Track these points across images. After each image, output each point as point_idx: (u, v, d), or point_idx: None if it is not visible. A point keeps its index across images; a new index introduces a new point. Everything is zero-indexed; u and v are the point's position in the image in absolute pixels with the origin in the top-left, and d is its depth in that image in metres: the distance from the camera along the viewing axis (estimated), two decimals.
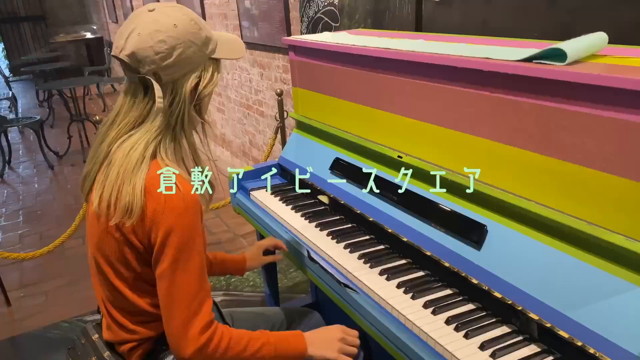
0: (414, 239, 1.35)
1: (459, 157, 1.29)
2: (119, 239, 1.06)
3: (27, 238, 3.70)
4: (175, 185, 1.03)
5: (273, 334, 1.14)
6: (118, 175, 1.04)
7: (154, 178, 1.04)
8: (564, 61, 1.00)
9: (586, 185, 1.01)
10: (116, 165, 1.05)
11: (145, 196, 1.02)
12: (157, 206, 1.02)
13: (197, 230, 1.06)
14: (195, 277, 1.05)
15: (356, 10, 2.23)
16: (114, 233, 1.06)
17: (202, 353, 1.03)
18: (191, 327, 1.03)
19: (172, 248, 1.02)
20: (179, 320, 1.03)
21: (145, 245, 1.06)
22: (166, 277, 1.04)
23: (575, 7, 1.34)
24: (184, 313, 1.03)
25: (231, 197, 2.05)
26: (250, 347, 1.08)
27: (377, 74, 1.51)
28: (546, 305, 1.02)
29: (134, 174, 1.03)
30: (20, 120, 5.50)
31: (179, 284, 1.03)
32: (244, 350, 1.08)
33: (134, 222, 1.02)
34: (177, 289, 1.03)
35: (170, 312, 1.04)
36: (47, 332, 2.57)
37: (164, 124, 1.06)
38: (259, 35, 3.38)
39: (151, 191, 1.02)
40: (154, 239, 1.04)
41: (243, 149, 4.39)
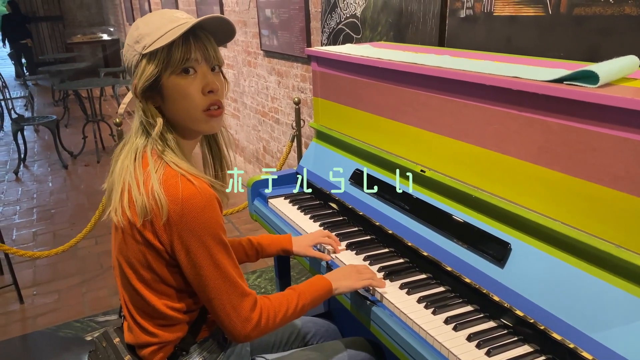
0: (435, 253, 1.35)
1: (483, 174, 1.29)
2: (140, 240, 1.07)
3: (41, 236, 3.73)
4: (189, 182, 1.04)
5: (300, 285, 1.23)
6: (124, 184, 1.08)
7: (170, 178, 1.04)
8: (595, 84, 1.01)
9: (613, 208, 1.01)
10: (119, 175, 1.10)
11: (165, 197, 1.03)
12: (175, 206, 1.02)
13: (218, 223, 1.07)
14: (227, 265, 1.08)
15: (378, 23, 2.25)
16: (134, 235, 1.07)
17: (258, 328, 1.11)
18: (242, 310, 1.09)
19: (199, 246, 1.05)
20: (229, 308, 1.08)
21: (166, 246, 1.06)
22: (201, 274, 1.06)
23: (603, 28, 1.34)
24: (232, 300, 1.08)
25: (249, 204, 2.06)
26: (291, 305, 1.17)
27: (403, 87, 1.52)
28: (569, 326, 1.02)
29: (133, 177, 1.06)
30: (37, 119, 5.56)
31: (216, 277, 1.07)
32: (287, 310, 1.16)
33: (164, 221, 1.03)
34: (216, 282, 1.07)
35: (218, 304, 1.08)
36: (59, 330, 2.59)
37: (143, 127, 1.11)
38: (278, 44, 3.41)
39: (169, 191, 1.03)
40: (177, 239, 1.04)
41: (257, 155, 4.41)
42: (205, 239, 1.05)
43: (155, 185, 1.03)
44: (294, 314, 1.19)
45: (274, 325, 1.15)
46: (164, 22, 1.06)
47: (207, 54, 1.08)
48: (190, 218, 1.03)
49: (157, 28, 1.05)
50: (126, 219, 1.07)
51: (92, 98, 5.59)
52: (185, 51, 1.05)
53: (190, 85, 1.07)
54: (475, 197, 1.30)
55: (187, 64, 1.06)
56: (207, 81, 1.08)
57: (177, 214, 1.02)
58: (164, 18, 1.07)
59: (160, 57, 1.05)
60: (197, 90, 1.07)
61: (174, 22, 1.05)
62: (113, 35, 10.97)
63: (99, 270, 3.20)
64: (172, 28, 1.04)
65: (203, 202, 1.03)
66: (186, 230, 1.03)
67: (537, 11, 1.51)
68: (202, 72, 1.08)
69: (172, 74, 1.06)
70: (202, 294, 1.10)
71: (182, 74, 1.06)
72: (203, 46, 1.07)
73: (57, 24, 11.47)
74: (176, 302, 1.14)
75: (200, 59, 1.07)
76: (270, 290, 2.84)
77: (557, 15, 1.45)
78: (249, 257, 1.49)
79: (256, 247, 1.49)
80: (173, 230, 1.04)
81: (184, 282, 1.13)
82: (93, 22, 11.79)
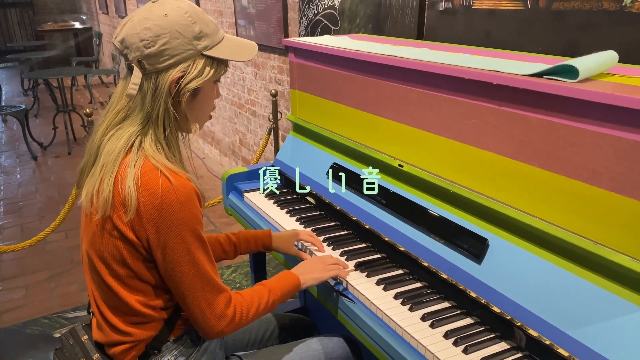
0: (412, 248, 1.34)
1: (461, 169, 1.28)
2: (114, 234, 1.04)
3: (8, 230, 3.61)
4: (168, 178, 1.01)
5: (269, 281, 1.25)
6: (102, 168, 1.05)
7: (148, 172, 1.02)
8: (575, 78, 1.00)
9: (592, 204, 1.00)
10: (102, 158, 1.06)
11: (141, 191, 1.00)
12: (154, 201, 1.00)
13: (197, 218, 1.06)
14: (204, 262, 1.08)
15: (357, 14, 2.22)
16: (108, 228, 1.04)
17: (232, 324, 1.12)
18: (216, 306, 1.09)
19: (178, 242, 1.03)
20: (204, 305, 1.08)
21: (143, 241, 1.04)
22: (178, 269, 1.05)
23: (582, 22, 1.34)
24: (207, 297, 1.08)
25: (223, 198, 2.02)
26: (262, 301, 1.18)
27: (381, 80, 1.49)
28: (546, 322, 1.01)
29: (114, 166, 1.03)
30: (4, 108, 5.37)
31: (192, 274, 1.06)
32: (259, 306, 1.17)
33: (131, 218, 1.01)
34: (192, 279, 1.06)
35: (193, 300, 1.07)
36: (26, 327, 2.51)
37: (146, 115, 1.05)
38: (255, 34, 3.35)
39: (147, 185, 1.01)
40: (155, 234, 1.02)
41: (232, 148, 4.35)
42: (184, 234, 1.03)
43: (129, 179, 1.00)
44: (265, 309, 1.20)
45: (247, 321, 1.16)
46: (215, 27, 1.11)
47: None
48: (169, 212, 1.01)
49: (214, 31, 1.09)
50: (95, 209, 1.04)
51: (63, 87, 5.43)
52: (228, 66, 1.16)
53: (214, 92, 1.16)
54: (453, 192, 1.28)
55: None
56: (218, 90, 1.19)
57: (156, 209, 1.00)
58: (212, 22, 1.11)
59: (216, 64, 1.10)
60: (214, 97, 1.17)
61: (220, 31, 1.13)
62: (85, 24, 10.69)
63: (69, 264, 3.11)
64: (241, 44, 1.16)
65: (183, 196, 1.02)
66: (165, 224, 1.01)
67: (516, 5, 1.50)
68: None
69: (213, 80, 1.12)
70: (176, 289, 1.08)
71: (217, 82, 1.15)
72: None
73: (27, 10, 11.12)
74: (151, 299, 1.11)
75: None
76: (245, 285, 2.81)
77: (536, 9, 1.45)
78: (226, 254, 1.46)
79: (234, 243, 1.46)
80: (151, 225, 1.01)
81: (160, 278, 1.10)
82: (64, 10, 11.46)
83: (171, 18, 1.02)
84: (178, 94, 1.06)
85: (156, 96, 1.04)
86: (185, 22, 1.03)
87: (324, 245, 1.49)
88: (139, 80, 1.03)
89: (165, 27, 1.02)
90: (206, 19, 1.08)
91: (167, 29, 1.02)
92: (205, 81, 1.08)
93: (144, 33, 1.01)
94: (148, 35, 1.01)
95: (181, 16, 1.03)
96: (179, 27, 1.03)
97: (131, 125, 1.06)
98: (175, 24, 1.02)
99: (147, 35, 1.01)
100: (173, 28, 1.02)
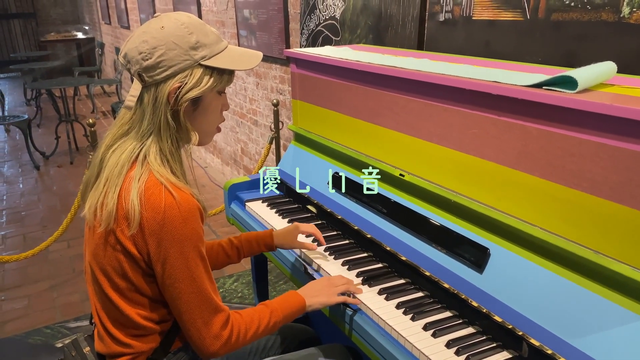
0: (413, 258, 1.34)
1: (462, 179, 1.29)
2: (116, 247, 1.05)
3: (10, 239, 3.62)
4: (171, 194, 1.02)
5: (273, 302, 1.22)
6: (106, 181, 1.05)
7: (152, 187, 1.02)
8: (574, 89, 1.00)
9: (592, 213, 1.01)
10: (106, 171, 1.06)
11: (144, 205, 1.01)
12: (156, 216, 1.01)
13: (199, 235, 1.06)
14: (204, 279, 1.07)
15: (358, 25, 2.24)
16: (111, 241, 1.05)
17: (227, 346, 1.10)
18: (213, 326, 1.08)
19: (178, 257, 1.03)
20: (200, 323, 1.07)
21: (144, 255, 1.05)
22: (176, 286, 1.05)
23: (580, 33, 1.35)
24: (204, 316, 1.07)
25: (225, 208, 2.03)
26: (262, 322, 1.16)
27: (382, 90, 1.51)
28: (547, 332, 1.02)
29: (118, 180, 1.04)
30: (7, 118, 5.40)
31: (190, 291, 1.06)
32: (258, 327, 1.15)
33: (134, 232, 1.01)
34: (190, 296, 1.06)
35: (189, 317, 1.07)
36: (29, 337, 2.51)
37: (148, 127, 1.06)
38: (256, 44, 3.37)
39: (150, 200, 1.01)
40: (156, 249, 1.03)
41: (234, 157, 4.36)
42: (184, 250, 1.04)
43: (133, 193, 1.01)
44: (265, 332, 1.17)
45: (243, 342, 1.13)
46: (216, 37, 1.10)
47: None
48: (171, 228, 1.02)
49: (215, 42, 1.09)
50: (98, 222, 1.05)
51: (66, 97, 5.46)
52: (233, 77, 1.15)
53: (220, 103, 1.15)
54: (454, 201, 1.29)
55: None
56: (225, 102, 1.18)
57: (158, 223, 1.01)
58: (213, 32, 1.11)
59: (216, 74, 1.09)
60: (220, 109, 1.17)
61: (223, 42, 1.12)
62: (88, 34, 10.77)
63: (70, 274, 3.11)
64: (242, 54, 1.15)
65: (186, 212, 1.03)
66: (166, 240, 1.02)
67: (515, 16, 1.52)
68: (225, 93, 1.18)
69: (215, 91, 1.12)
70: (174, 305, 1.08)
71: (221, 93, 1.14)
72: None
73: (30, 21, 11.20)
74: (150, 311, 1.11)
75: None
76: (247, 294, 2.80)
77: (535, 20, 1.46)
78: (230, 258, 1.46)
79: (237, 246, 1.47)
80: (153, 239, 1.02)
81: (160, 291, 1.10)
82: (67, 20, 11.55)
83: (167, 30, 1.04)
84: (177, 103, 1.06)
85: (156, 107, 1.05)
86: (181, 33, 1.05)
87: (323, 237, 1.51)
88: (138, 92, 1.05)
89: (161, 39, 1.03)
90: (206, 30, 1.09)
91: (162, 41, 1.03)
92: (203, 91, 1.08)
93: (142, 46, 1.03)
94: (145, 48, 1.03)
95: (177, 28, 1.05)
96: (174, 38, 1.04)
97: (134, 138, 1.07)
98: (171, 35, 1.04)
99: (145, 48, 1.03)
100: (169, 39, 1.04)
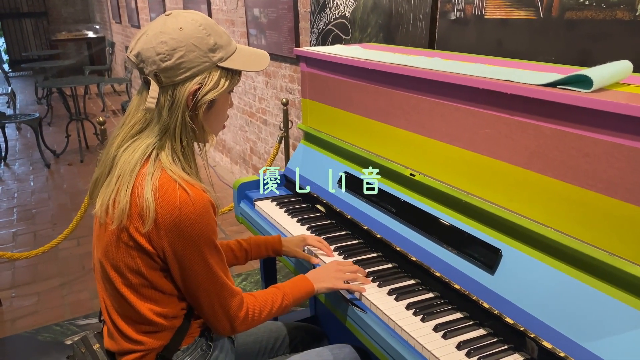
0: (424, 258, 1.33)
1: (474, 179, 1.27)
2: (129, 244, 1.05)
3: (21, 237, 3.65)
4: (185, 190, 1.02)
5: (284, 285, 1.27)
6: (118, 179, 1.06)
7: (166, 184, 1.03)
8: (589, 88, 0.99)
9: (607, 214, 0.99)
10: (118, 169, 1.07)
11: (159, 202, 1.01)
12: (172, 212, 1.01)
13: (213, 229, 1.08)
14: (219, 269, 1.10)
15: (368, 24, 2.23)
16: (124, 238, 1.05)
17: (244, 324, 1.17)
18: (230, 309, 1.13)
19: (194, 252, 1.05)
20: (217, 308, 1.12)
21: (159, 251, 1.05)
22: (194, 278, 1.08)
23: (595, 32, 1.33)
24: (221, 301, 1.12)
25: (235, 206, 2.03)
26: (275, 304, 1.22)
27: (393, 90, 1.50)
28: (560, 334, 1.00)
29: (131, 177, 1.04)
30: (19, 116, 5.45)
31: (207, 281, 1.09)
32: (271, 307, 1.21)
33: (149, 229, 1.02)
34: (208, 285, 1.09)
35: (208, 304, 1.11)
36: (38, 334, 2.52)
37: (163, 127, 1.06)
38: (266, 43, 3.37)
39: (165, 197, 1.02)
40: (172, 245, 1.04)
41: (243, 157, 4.37)
42: (200, 245, 1.06)
43: (147, 190, 1.01)
44: (277, 312, 1.23)
45: (259, 321, 1.20)
46: (228, 37, 1.11)
47: None
48: (187, 224, 1.03)
49: (228, 43, 1.10)
50: (110, 219, 1.05)
51: (77, 96, 5.49)
52: (241, 76, 1.16)
53: (228, 102, 1.17)
54: (465, 202, 1.28)
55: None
56: (231, 100, 1.20)
57: (174, 220, 1.02)
58: (225, 33, 1.11)
59: (231, 75, 1.11)
60: (228, 107, 1.18)
61: (233, 41, 1.13)
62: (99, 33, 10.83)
63: (80, 272, 3.13)
64: (254, 54, 1.16)
65: (200, 208, 1.04)
66: (183, 236, 1.03)
67: (528, 14, 1.50)
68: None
69: (228, 91, 1.13)
70: (191, 294, 1.11)
71: (231, 92, 1.16)
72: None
73: (41, 20, 11.29)
74: (163, 307, 1.12)
75: None
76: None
77: (548, 18, 1.44)
78: (237, 260, 1.47)
79: (245, 248, 1.47)
80: (168, 236, 1.03)
81: (174, 286, 1.12)
82: (78, 19, 11.63)
83: (186, 31, 1.03)
84: (195, 106, 1.06)
85: (173, 109, 1.05)
86: (200, 35, 1.04)
87: (332, 251, 1.50)
88: (157, 94, 1.04)
89: (181, 41, 1.02)
90: (219, 30, 1.09)
91: (183, 42, 1.02)
92: (221, 92, 1.09)
93: (160, 47, 1.02)
94: (164, 49, 1.02)
95: (196, 29, 1.04)
96: (194, 40, 1.03)
97: (148, 137, 1.07)
98: (191, 37, 1.03)
99: (164, 49, 1.02)
100: (189, 41, 1.03)
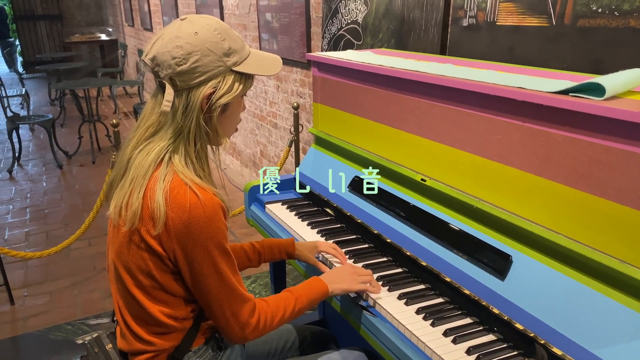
0: (434, 263, 1.33)
1: (485, 185, 1.28)
2: (141, 246, 1.07)
3: (33, 237, 3.69)
4: (196, 193, 1.03)
5: (297, 288, 1.26)
6: (131, 181, 1.07)
7: (177, 187, 1.04)
8: (601, 96, 0.99)
9: (618, 222, 1.00)
10: (131, 172, 1.08)
11: (169, 205, 1.02)
12: (182, 215, 1.02)
13: (223, 232, 1.08)
14: (229, 274, 1.10)
15: (380, 29, 2.24)
16: (135, 240, 1.07)
17: (256, 332, 1.15)
18: (241, 316, 1.12)
19: (204, 255, 1.06)
20: (228, 314, 1.11)
21: (169, 253, 1.06)
22: (204, 281, 1.08)
23: (608, 40, 1.33)
24: (232, 307, 1.11)
25: (245, 209, 2.04)
26: (288, 309, 1.20)
27: (405, 95, 1.51)
28: (571, 341, 1.00)
29: (144, 180, 1.05)
30: (32, 118, 5.51)
31: (218, 285, 1.09)
32: (284, 314, 1.19)
33: (160, 231, 1.03)
34: (218, 290, 1.09)
35: (218, 309, 1.11)
36: (50, 333, 2.55)
37: (177, 131, 1.07)
38: (278, 48, 3.40)
39: (175, 200, 1.03)
40: (182, 248, 1.05)
41: (254, 160, 4.39)
42: (209, 248, 1.06)
43: (158, 193, 1.02)
44: (291, 317, 1.21)
45: (271, 327, 1.18)
46: (242, 42, 1.13)
47: None
48: (196, 227, 1.03)
49: (242, 47, 1.12)
50: (123, 221, 1.06)
51: (89, 98, 5.56)
52: (254, 80, 1.17)
53: (241, 105, 1.18)
54: (476, 207, 1.28)
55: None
56: (244, 103, 1.20)
57: (184, 223, 1.03)
58: (239, 37, 1.13)
59: (244, 79, 1.12)
60: (240, 110, 1.19)
61: (246, 46, 1.15)
62: (112, 36, 10.94)
63: (92, 272, 3.16)
64: (267, 58, 1.18)
65: (210, 211, 1.04)
66: (192, 239, 1.04)
67: (541, 21, 1.50)
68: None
69: (241, 95, 1.14)
70: (202, 299, 1.11)
71: (243, 95, 1.16)
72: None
73: (55, 22, 11.43)
74: (173, 309, 1.13)
75: None
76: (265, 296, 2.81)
77: (561, 26, 1.45)
78: (251, 262, 1.48)
79: (259, 251, 1.48)
80: (178, 239, 1.04)
81: (184, 289, 1.12)
82: (91, 22, 11.75)
83: (202, 36, 1.05)
84: (209, 109, 1.08)
85: (188, 112, 1.07)
86: (215, 40, 1.06)
87: (346, 258, 1.50)
88: (172, 97, 1.06)
89: (197, 45, 1.04)
90: (233, 35, 1.11)
91: (198, 47, 1.04)
92: (235, 96, 1.10)
93: (176, 51, 1.04)
94: (180, 53, 1.03)
95: (211, 34, 1.06)
96: (209, 44, 1.05)
97: (161, 140, 1.08)
98: (206, 41, 1.05)
99: (179, 53, 1.03)
100: (204, 46, 1.05)
